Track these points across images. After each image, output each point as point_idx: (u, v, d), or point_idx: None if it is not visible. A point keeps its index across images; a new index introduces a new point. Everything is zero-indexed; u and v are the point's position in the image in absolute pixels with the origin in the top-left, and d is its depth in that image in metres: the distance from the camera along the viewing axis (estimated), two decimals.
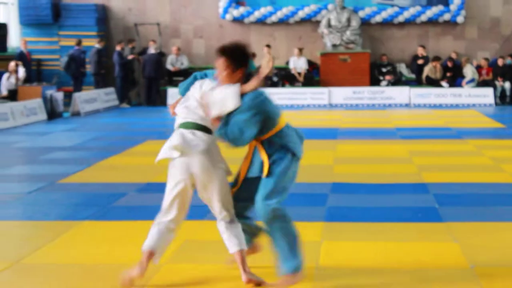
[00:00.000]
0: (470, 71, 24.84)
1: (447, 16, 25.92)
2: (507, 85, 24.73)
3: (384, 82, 25.36)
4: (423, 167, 11.92)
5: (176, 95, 18.05)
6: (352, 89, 24.67)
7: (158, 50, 25.29)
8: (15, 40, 25.58)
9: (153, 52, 24.90)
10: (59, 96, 21.85)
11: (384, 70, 25.55)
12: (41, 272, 6.51)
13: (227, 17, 26.24)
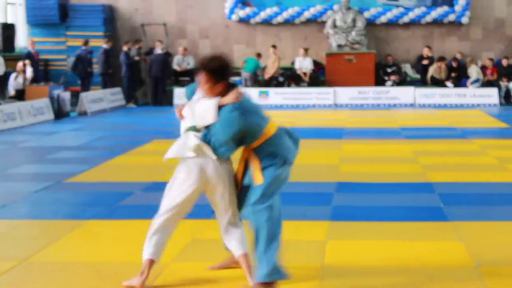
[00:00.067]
0: (475, 72, 24.82)
1: (452, 17, 25.91)
2: None
3: (389, 82, 25.36)
4: (428, 167, 11.93)
5: (183, 95, 18.08)
6: (357, 89, 24.67)
7: (165, 50, 25.32)
8: (23, 40, 25.62)
9: (160, 52, 24.94)
10: (66, 96, 21.90)
11: (389, 70, 25.55)
12: (48, 271, 6.53)
13: (233, 18, 26.25)
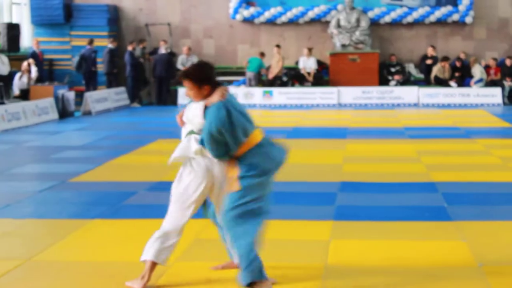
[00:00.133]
0: (479, 71, 24.81)
1: (456, 17, 25.89)
2: None
3: (393, 82, 25.36)
4: (432, 167, 11.94)
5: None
6: (361, 89, 24.67)
7: (169, 50, 25.36)
8: (28, 40, 25.68)
9: (164, 52, 24.98)
10: (71, 96, 21.95)
11: (393, 70, 25.55)
12: (53, 270, 6.56)
13: (237, 18, 26.27)
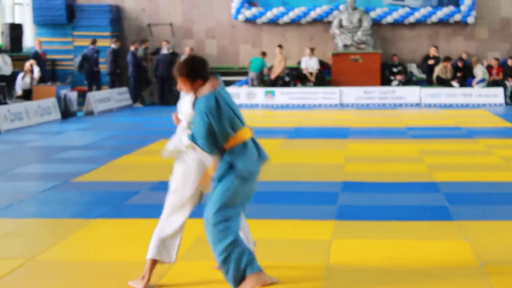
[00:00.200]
0: (481, 71, 24.81)
1: (458, 17, 25.90)
2: None
3: (395, 82, 25.37)
4: (434, 166, 11.94)
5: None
6: (363, 89, 24.68)
7: (171, 50, 25.37)
8: (30, 40, 25.71)
9: (166, 53, 25.00)
10: (73, 96, 21.97)
11: (395, 70, 25.56)
12: (55, 269, 6.58)
13: (240, 18, 26.28)
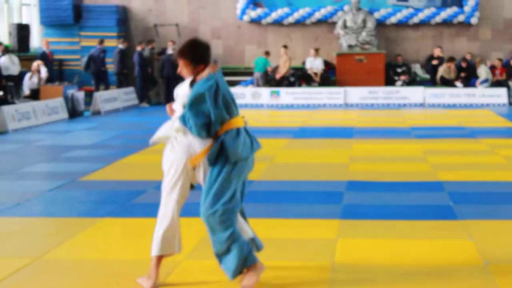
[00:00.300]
0: (484, 72, 24.82)
1: (461, 17, 25.91)
2: None
3: (399, 82, 25.39)
4: (438, 166, 11.98)
5: None
6: (368, 89, 24.71)
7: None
8: (37, 41, 25.80)
9: (171, 53, 25.04)
10: (80, 96, 22.05)
11: (399, 71, 25.58)
12: (62, 268, 6.61)
13: (245, 18, 26.34)
